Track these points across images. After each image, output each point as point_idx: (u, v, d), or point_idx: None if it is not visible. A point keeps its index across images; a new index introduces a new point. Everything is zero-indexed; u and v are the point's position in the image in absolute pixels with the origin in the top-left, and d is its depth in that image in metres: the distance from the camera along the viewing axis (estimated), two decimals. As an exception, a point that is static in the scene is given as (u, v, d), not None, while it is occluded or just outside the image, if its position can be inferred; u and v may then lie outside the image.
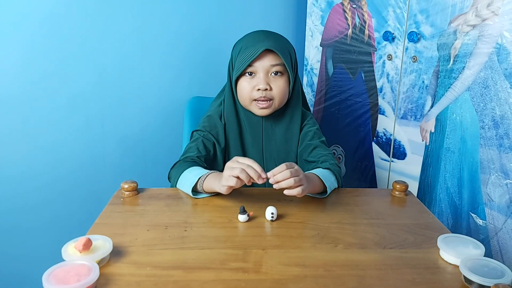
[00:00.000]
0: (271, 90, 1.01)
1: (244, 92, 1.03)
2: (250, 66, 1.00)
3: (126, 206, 0.90)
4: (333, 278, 0.66)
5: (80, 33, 1.40)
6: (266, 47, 0.98)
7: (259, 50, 0.98)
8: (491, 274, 0.65)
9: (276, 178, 0.80)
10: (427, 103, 1.41)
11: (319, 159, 1.03)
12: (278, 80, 1.02)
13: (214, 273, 0.67)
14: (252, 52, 0.98)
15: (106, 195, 0.96)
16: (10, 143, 1.37)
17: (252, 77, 1.02)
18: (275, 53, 0.99)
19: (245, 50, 1.00)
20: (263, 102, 1.01)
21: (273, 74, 1.02)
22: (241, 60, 1.00)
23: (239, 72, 1.01)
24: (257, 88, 1.00)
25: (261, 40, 1.00)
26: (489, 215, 1.28)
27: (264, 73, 1.00)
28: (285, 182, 0.81)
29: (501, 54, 1.18)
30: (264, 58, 1.00)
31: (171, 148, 1.62)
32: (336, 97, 1.70)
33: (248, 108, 1.05)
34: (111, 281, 0.64)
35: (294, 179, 0.81)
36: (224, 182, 0.82)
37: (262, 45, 0.98)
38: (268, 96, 1.01)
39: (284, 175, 0.80)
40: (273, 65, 1.00)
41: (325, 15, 1.66)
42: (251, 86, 1.01)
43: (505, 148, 1.22)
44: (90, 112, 1.47)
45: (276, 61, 1.00)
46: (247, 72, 1.01)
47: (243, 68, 1.00)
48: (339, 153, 1.75)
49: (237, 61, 1.02)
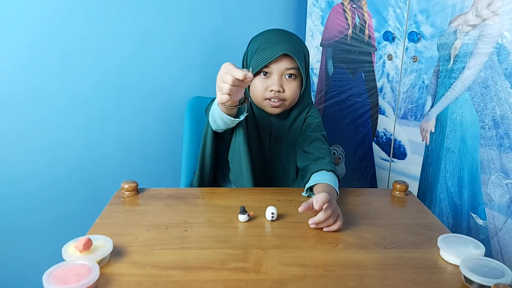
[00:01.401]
0: (283, 92, 1.03)
1: (257, 91, 1.04)
2: (265, 67, 1.01)
3: (126, 206, 0.90)
4: (333, 278, 0.66)
5: (80, 33, 1.40)
6: (284, 52, 0.99)
7: (277, 53, 0.99)
8: (491, 274, 0.65)
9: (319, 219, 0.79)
10: (427, 103, 1.41)
11: (316, 152, 1.04)
12: (291, 82, 1.04)
13: (214, 273, 0.67)
14: (270, 54, 1.00)
15: (106, 195, 0.96)
16: (10, 144, 1.37)
17: (266, 77, 1.03)
18: (291, 57, 1.01)
19: (262, 51, 1.01)
20: (275, 102, 1.03)
21: (287, 77, 1.03)
22: (258, 60, 1.01)
23: (254, 72, 1.02)
24: (270, 89, 1.02)
25: (280, 43, 1.01)
26: (489, 215, 1.28)
27: (279, 75, 1.02)
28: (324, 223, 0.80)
29: (501, 54, 1.18)
30: (281, 61, 1.01)
31: (171, 148, 1.62)
32: (336, 97, 1.70)
33: (260, 105, 1.07)
34: (111, 281, 0.64)
35: (332, 218, 0.80)
36: (219, 99, 0.82)
37: (280, 49, 1.00)
38: (280, 97, 1.03)
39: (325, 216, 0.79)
40: (288, 68, 1.02)
41: (325, 15, 1.66)
42: (264, 86, 1.03)
43: (505, 148, 1.22)
44: (90, 112, 1.47)
45: (292, 64, 1.02)
46: (262, 72, 1.03)
47: (259, 68, 1.01)
48: (339, 153, 1.75)
49: (253, 60, 1.03)
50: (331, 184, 0.92)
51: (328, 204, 0.79)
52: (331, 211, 0.79)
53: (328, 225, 0.81)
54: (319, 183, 0.93)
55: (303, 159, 1.06)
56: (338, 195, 0.94)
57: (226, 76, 0.79)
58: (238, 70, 0.77)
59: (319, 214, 0.79)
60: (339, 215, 0.82)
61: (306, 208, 0.78)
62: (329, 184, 0.92)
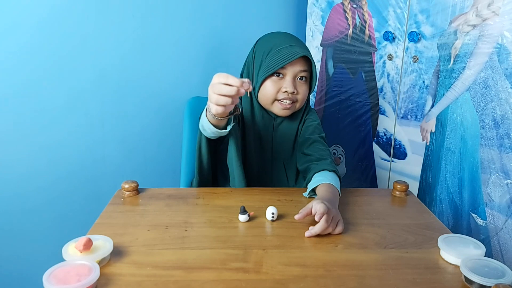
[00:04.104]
0: (297, 94, 1.03)
1: (269, 92, 1.03)
2: (281, 69, 1.01)
3: (126, 206, 0.90)
4: (333, 278, 0.66)
5: (81, 33, 1.40)
6: (303, 54, 0.99)
7: (296, 55, 0.99)
8: (491, 274, 0.64)
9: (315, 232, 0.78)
10: (427, 103, 1.41)
11: (316, 153, 1.04)
12: (303, 85, 1.04)
13: (214, 273, 0.67)
14: (288, 55, 0.99)
15: (107, 195, 0.96)
16: (10, 144, 1.37)
17: (280, 78, 1.03)
18: (304, 60, 1.01)
19: (278, 52, 1.01)
20: (287, 103, 1.03)
21: (299, 79, 1.04)
22: (273, 61, 1.01)
23: (269, 73, 1.01)
24: (284, 90, 1.02)
25: (296, 45, 1.01)
26: (490, 215, 1.27)
27: (292, 77, 1.02)
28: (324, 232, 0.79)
29: (502, 54, 1.18)
30: (296, 64, 1.01)
31: (171, 148, 1.62)
32: (336, 97, 1.70)
33: (268, 107, 1.06)
34: (112, 281, 0.64)
35: (331, 226, 0.79)
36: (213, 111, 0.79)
37: (298, 51, 1.00)
38: (293, 98, 1.03)
39: (322, 227, 0.78)
40: (302, 71, 1.02)
41: (326, 15, 1.66)
42: (277, 87, 1.02)
43: (505, 148, 1.22)
44: (90, 112, 1.47)
45: (305, 67, 1.02)
46: (276, 73, 1.02)
47: (275, 69, 1.00)
48: (340, 153, 1.75)
49: (266, 61, 1.02)
50: (333, 184, 0.92)
51: (327, 216, 0.78)
52: (327, 223, 0.78)
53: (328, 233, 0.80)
54: (321, 183, 0.93)
55: (303, 161, 1.06)
56: (340, 195, 0.94)
57: (221, 86, 0.76)
58: (234, 78, 0.75)
59: (316, 226, 0.78)
60: (339, 221, 0.81)
61: (303, 216, 0.78)
62: (331, 184, 0.92)
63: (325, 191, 0.90)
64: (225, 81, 0.75)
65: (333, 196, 0.89)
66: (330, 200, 0.86)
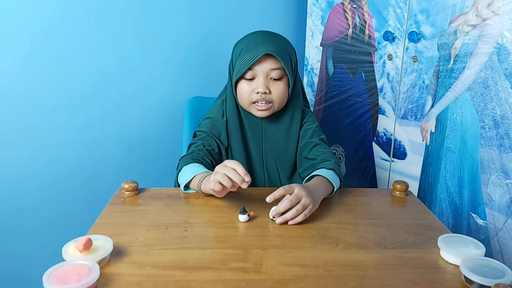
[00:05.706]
0: (270, 93, 1.01)
1: (243, 95, 1.02)
2: (250, 70, 1.00)
3: (126, 206, 0.90)
4: (333, 278, 0.66)
5: (81, 33, 1.40)
6: (266, 52, 0.97)
7: (259, 54, 0.97)
8: (491, 274, 0.65)
9: (279, 210, 0.82)
10: (427, 103, 1.41)
11: (318, 156, 1.04)
12: (277, 84, 1.02)
13: (214, 273, 0.67)
14: (252, 56, 0.98)
15: (107, 195, 0.96)
16: (11, 144, 1.37)
17: (251, 80, 1.01)
18: (275, 57, 0.99)
19: (245, 53, 1.00)
20: (262, 105, 1.01)
21: (273, 78, 1.01)
22: (241, 63, 1.00)
23: (239, 75, 1.01)
24: (256, 91, 1.00)
25: (261, 43, 0.99)
26: (490, 215, 1.27)
27: (264, 77, 1.00)
28: (289, 214, 0.82)
29: (502, 54, 1.18)
30: (264, 62, 0.99)
31: (171, 148, 1.62)
32: (336, 97, 1.70)
33: (248, 110, 1.05)
34: (112, 281, 0.64)
35: (297, 209, 0.82)
36: (211, 185, 0.82)
37: (262, 49, 0.98)
38: (267, 99, 1.01)
39: (285, 205, 0.81)
40: (273, 69, 1.00)
41: (325, 15, 1.66)
42: (250, 89, 1.01)
43: (505, 148, 1.22)
44: (90, 112, 1.48)
45: (276, 65, 1.00)
46: (247, 75, 1.01)
47: (243, 71, 0.99)
48: (340, 153, 1.75)
49: (237, 64, 1.02)
50: (325, 176, 0.93)
51: (294, 198, 0.81)
52: (291, 203, 0.81)
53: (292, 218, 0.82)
54: (315, 175, 0.94)
55: (306, 166, 1.05)
56: (335, 191, 0.94)
57: (231, 169, 0.80)
58: (243, 169, 0.80)
59: (280, 204, 0.82)
60: (308, 208, 0.83)
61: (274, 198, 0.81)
62: (322, 176, 0.93)
63: (313, 181, 0.92)
64: (235, 167, 0.80)
65: (319, 186, 0.90)
66: (313, 188, 0.87)
